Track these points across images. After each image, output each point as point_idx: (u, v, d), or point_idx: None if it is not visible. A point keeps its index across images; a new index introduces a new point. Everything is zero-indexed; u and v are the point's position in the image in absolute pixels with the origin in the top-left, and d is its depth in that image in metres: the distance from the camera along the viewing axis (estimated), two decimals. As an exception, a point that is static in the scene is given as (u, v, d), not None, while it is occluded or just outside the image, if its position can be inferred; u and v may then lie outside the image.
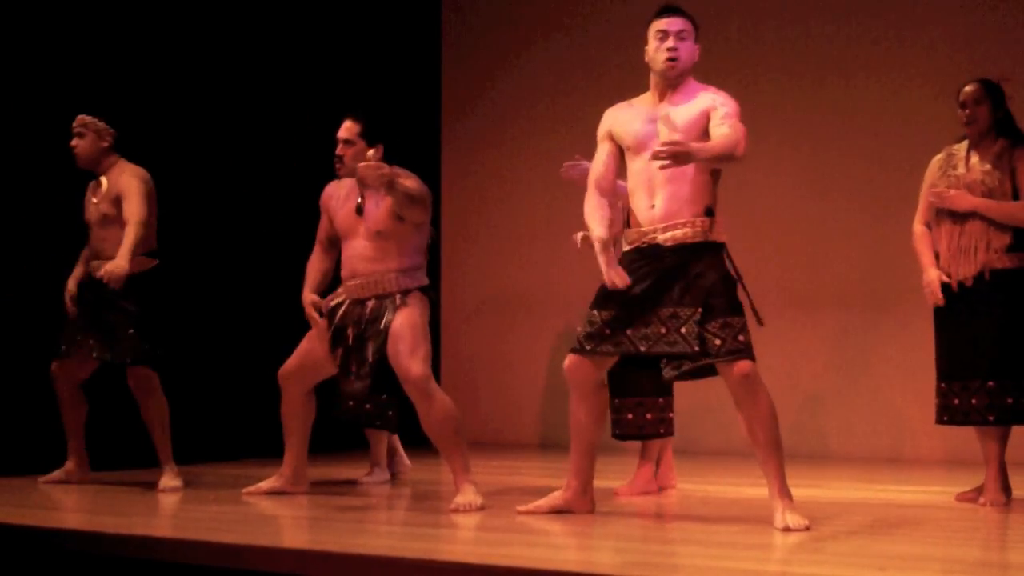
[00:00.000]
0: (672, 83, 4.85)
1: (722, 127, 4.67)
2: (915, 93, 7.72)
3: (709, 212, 4.75)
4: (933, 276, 5.52)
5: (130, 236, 5.82)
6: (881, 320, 7.83)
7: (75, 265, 6.12)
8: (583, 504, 5.07)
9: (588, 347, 4.83)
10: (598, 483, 5.86)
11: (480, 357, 8.97)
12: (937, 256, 5.56)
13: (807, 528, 4.52)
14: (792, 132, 8.20)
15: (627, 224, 4.93)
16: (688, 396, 5.99)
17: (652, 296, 4.72)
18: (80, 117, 6.05)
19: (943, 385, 5.51)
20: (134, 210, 5.87)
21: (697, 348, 4.63)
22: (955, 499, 5.57)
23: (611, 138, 4.93)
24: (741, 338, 4.61)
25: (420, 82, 9.13)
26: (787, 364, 8.06)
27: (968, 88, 5.56)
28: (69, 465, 6.14)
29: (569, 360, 4.90)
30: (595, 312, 4.83)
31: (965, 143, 5.59)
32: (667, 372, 4.77)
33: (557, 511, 5.03)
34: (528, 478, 6.48)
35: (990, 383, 5.37)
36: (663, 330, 4.70)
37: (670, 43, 4.82)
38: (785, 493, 4.64)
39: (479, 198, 9.21)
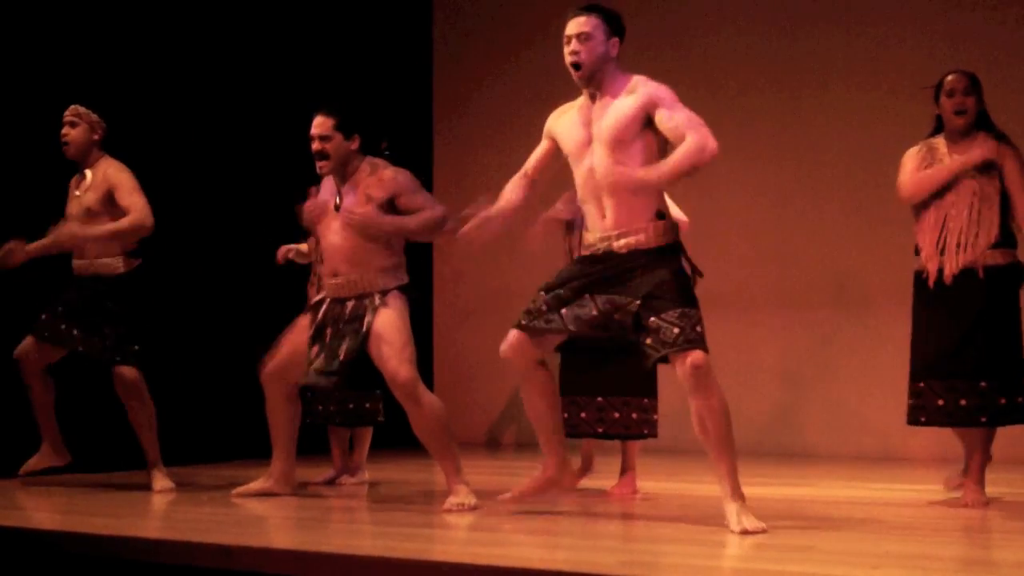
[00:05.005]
0: (593, 83, 4.76)
1: (677, 129, 4.51)
2: (906, 99, 7.72)
3: (660, 215, 4.71)
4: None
5: (124, 222, 5.74)
6: (870, 319, 7.84)
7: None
8: (567, 478, 5.08)
9: (524, 321, 4.84)
10: (589, 483, 5.88)
11: (473, 357, 8.96)
12: (918, 251, 5.40)
13: (764, 530, 4.47)
14: (783, 135, 8.22)
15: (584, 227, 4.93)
16: (674, 394, 5.98)
17: (596, 284, 4.72)
18: (74, 107, 5.91)
19: (921, 384, 5.37)
20: (137, 202, 5.76)
21: (632, 336, 4.62)
22: (943, 485, 5.59)
23: (551, 138, 4.96)
24: (699, 328, 4.58)
25: (412, 83, 9.14)
26: (776, 363, 8.08)
27: (956, 76, 5.39)
28: (45, 448, 5.99)
29: (505, 342, 4.86)
30: (541, 292, 4.85)
31: (941, 138, 5.43)
32: (647, 359, 4.66)
33: (542, 489, 5.06)
34: (521, 478, 6.46)
35: (982, 383, 5.25)
36: (594, 313, 4.71)
37: (572, 46, 4.74)
38: (738, 494, 4.57)
39: (471, 199, 9.19)
